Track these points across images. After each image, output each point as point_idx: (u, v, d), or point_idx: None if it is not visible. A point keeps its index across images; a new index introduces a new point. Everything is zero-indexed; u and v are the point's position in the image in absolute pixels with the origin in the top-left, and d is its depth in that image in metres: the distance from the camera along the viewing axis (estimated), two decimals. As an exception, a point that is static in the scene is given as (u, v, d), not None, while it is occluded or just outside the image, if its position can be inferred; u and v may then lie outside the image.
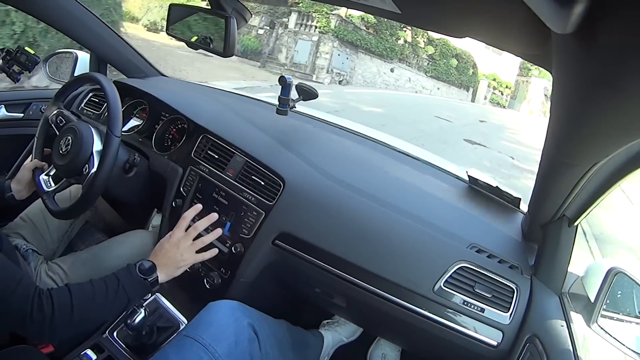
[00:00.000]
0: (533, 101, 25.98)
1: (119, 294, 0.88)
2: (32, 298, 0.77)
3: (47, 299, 0.79)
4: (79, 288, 0.85)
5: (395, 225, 1.03)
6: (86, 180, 1.09)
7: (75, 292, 0.83)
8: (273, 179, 1.12)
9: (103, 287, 0.88)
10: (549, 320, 0.89)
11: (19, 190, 1.20)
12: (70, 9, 1.36)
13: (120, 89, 1.18)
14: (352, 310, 1.13)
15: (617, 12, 0.30)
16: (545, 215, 0.90)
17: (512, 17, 0.44)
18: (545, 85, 25.31)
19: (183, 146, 1.29)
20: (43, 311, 0.77)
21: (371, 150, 1.42)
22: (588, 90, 0.41)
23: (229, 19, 1.00)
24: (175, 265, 1.03)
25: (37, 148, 1.24)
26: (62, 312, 0.80)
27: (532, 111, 25.30)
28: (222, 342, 0.89)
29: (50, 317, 0.78)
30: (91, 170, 1.09)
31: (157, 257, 1.01)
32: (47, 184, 1.18)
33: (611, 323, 0.86)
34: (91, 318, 0.87)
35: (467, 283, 0.95)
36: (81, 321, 0.84)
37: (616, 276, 0.87)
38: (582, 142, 0.56)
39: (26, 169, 1.21)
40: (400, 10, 0.53)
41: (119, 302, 0.89)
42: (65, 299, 0.81)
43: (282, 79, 1.20)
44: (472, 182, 1.21)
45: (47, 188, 1.17)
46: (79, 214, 1.08)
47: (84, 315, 0.84)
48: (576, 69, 0.41)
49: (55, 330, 0.79)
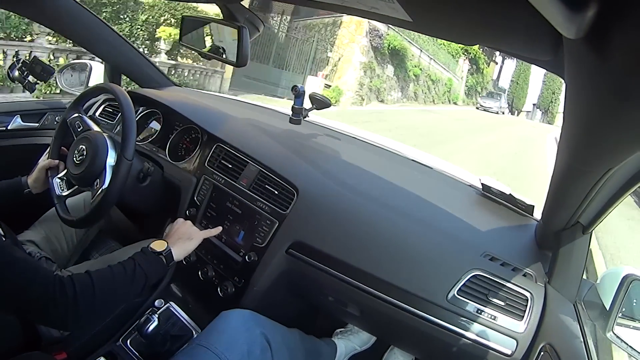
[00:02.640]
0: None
1: (137, 273, 0.89)
2: (54, 283, 0.77)
3: (69, 282, 0.79)
4: (99, 272, 0.86)
5: (409, 234, 1.03)
6: (96, 196, 1.10)
7: (95, 275, 0.84)
8: (287, 188, 1.13)
9: (121, 269, 0.89)
10: (563, 328, 0.88)
11: (35, 187, 1.22)
12: (84, 20, 1.39)
13: (134, 98, 1.20)
14: (366, 319, 1.13)
15: (629, 16, 0.30)
16: (559, 222, 0.90)
17: (523, 23, 0.44)
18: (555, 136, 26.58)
19: (197, 156, 1.31)
20: (66, 294, 0.77)
21: (384, 158, 1.43)
22: (601, 95, 0.41)
23: (242, 29, 1.02)
24: (187, 236, 1.05)
25: (54, 149, 1.25)
26: (84, 294, 0.80)
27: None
28: (235, 351, 0.90)
29: (74, 300, 0.78)
30: (102, 186, 1.10)
31: (168, 236, 1.04)
32: (60, 187, 1.20)
33: (627, 331, 0.85)
34: (113, 299, 0.87)
35: (480, 291, 0.95)
36: (104, 303, 0.85)
37: (632, 283, 0.86)
38: (596, 148, 0.55)
39: (41, 168, 1.23)
40: (412, 18, 0.54)
41: (137, 280, 0.90)
42: (87, 282, 0.82)
43: (295, 89, 1.22)
44: (486, 190, 1.22)
45: (60, 192, 1.19)
46: (88, 226, 1.10)
47: (106, 296, 0.84)
48: (589, 74, 0.40)
49: (79, 314, 0.79)
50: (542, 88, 38.43)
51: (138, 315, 1.16)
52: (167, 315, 1.17)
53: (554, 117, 38.19)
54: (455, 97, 21.94)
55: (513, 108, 36.86)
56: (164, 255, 0.96)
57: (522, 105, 37.88)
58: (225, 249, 1.17)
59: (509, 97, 36.59)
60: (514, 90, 37.59)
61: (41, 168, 1.23)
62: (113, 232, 1.48)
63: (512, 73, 36.01)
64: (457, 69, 22.46)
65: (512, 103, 36.96)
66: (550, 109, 38.12)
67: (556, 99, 37.81)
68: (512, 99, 36.93)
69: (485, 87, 27.66)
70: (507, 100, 35.61)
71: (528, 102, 39.52)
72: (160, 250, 0.96)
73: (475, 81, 25.89)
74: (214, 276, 1.17)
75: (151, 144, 1.40)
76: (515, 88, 37.51)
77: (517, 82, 36.98)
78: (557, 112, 38.02)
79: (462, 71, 23.74)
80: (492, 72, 32.56)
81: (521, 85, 37.20)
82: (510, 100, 36.65)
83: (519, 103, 37.44)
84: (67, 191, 1.19)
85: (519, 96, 37.32)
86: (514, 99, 36.99)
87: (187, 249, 1.04)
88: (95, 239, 1.40)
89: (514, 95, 37.15)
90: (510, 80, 38.03)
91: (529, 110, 40.86)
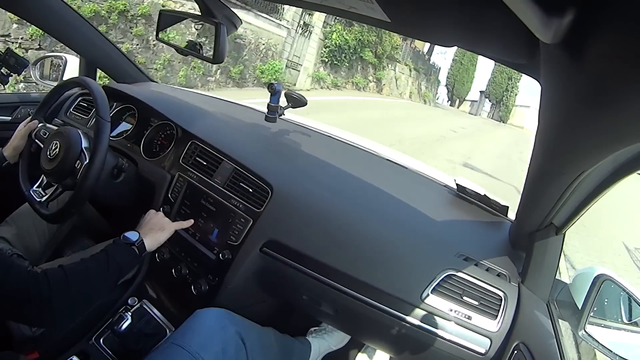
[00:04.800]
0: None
1: (111, 265, 0.89)
2: (27, 279, 0.76)
3: (43, 278, 0.78)
4: (72, 266, 0.85)
5: (383, 233, 1.03)
6: (80, 173, 1.07)
7: (69, 269, 0.83)
8: (261, 186, 1.11)
9: (94, 262, 0.88)
10: (536, 327, 0.89)
11: (14, 156, 1.21)
12: (60, 12, 1.35)
13: (109, 94, 1.17)
14: (340, 318, 1.13)
15: (604, 23, 0.30)
16: (533, 223, 0.90)
17: (500, 27, 0.45)
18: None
19: (171, 152, 1.28)
20: (40, 290, 0.76)
21: (360, 158, 1.42)
22: (575, 99, 0.41)
23: (220, 25, 1.00)
24: (159, 227, 1.05)
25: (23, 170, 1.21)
26: (58, 289, 0.79)
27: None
28: (209, 350, 0.89)
29: (48, 296, 0.77)
30: (84, 162, 1.07)
31: (141, 227, 1.04)
32: (38, 194, 1.17)
33: (598, 330, 0.87)
34: (88, 293, 0.86)
35: (454, 291, 0.95)
36: (78, 297, 0.84)
37: (603, 283, 0.87)
38: (570, 151, 0.56)
39: (23, 134, 1.22)
40: (389, 18, 0.53)
41: (111, 272, 0.89)
42: (60, 277, 0.80)
43: (272, 87, 1.20)
44: (461, 191, 1.22)
45: (39, 198, 1.16)
46: (76, 211, 1.07)
47: (80, 290, 0.83)
48: (564, 79, 0.41)
49: (54, 309, 0.78)
50: (494, 72, 29.23)
51: (111, 314, 1.15)
52: (140, 314, 1.16)
53: (508, 111, 29.43)
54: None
55: (453, 95, 28.05)
56: (136, 245, 0.95)
57: (465, 93, 28.59)
58: (199, 247, 1.15)
59: (448, 81, 27.89)
60: (455, 72, 27.74)
61: (23, 135, 1.21)
62: (86, 229, 1.46)
63: (454, 49, 21.20)
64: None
65: (452, 89, 28.06)
66: (505, 100, 29.17)
67: (514, 87, 28.86)
68: (453, 84, 27.77)
69: (407, 63, 18.20)
70: (445, 85, 27.65)
71: (474, 90, 30.14)
72: (133, 240, 0.95)
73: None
74: (188, 274, 1.16)
75: (125, 140, 1.37)
76: (457, 69, 27.75)
77: (461, 62, 27.20)
78: (513, 105, 29.51)
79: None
80: (422, 44, 20.22)
81: (466, 66, 27.44)
82: (450, 86, 28.06)
83: (462, 89, 27.99)
84: (46, 195, 1.16)
85: (461, 80, 27.67)
86: (455, 83, 27.72)
87: (159, 240, 1.03)
88: (68, 236, 1.37)
89: (455, 79, 27.72)
90: (453, 60, 27.88)
91: (474, 100, 31.99)
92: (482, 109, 32.20)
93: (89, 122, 1.47)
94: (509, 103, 29.55)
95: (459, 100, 29.02)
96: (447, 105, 28.58)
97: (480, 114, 30.63)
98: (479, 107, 32.02)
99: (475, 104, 32.38)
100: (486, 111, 32.21)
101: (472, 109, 31.88)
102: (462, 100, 29.41)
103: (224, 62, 1.51)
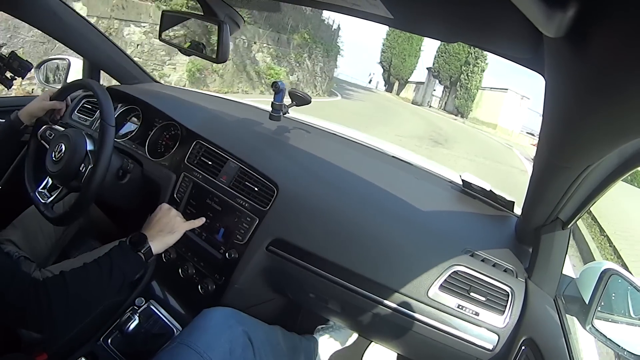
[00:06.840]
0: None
1: (114, 273, 0.86)
2: (28, 289, 0.76)
3: (42, 288, 0.77)
4: (73, 273, 0.84)
5: (389, 230, 1.03)
6: (85, 176, 1.08)
7: (69, 278, 0.82)
8: (266, 184, 1.11)
9: (97, 269, 0.86)
10: (544, 322, 0.89)
11: (29, 120, 1.25)
12: (63, 15, 1.35)
13: (113, 95, 1.17)
14: (347, 315, 1.13)
15: (608, 16, 0.30)
16: (539, 218, 0.90)
17: (503, 21, 0.45)
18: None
19: (176, 152, 1.29)
20: (40, 303, 0.76)
21: (364, 155, 1.42)
22: (580, 93, 0.41)
23: (222, 24, 1.00)
24: (169, 229, 1.01)
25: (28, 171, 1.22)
26: (58, 301, 0.78)
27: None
28: (217, 349, 0.90)
29: (47, 308, 0.77)
30: (89, 165, 1.08)
31: (148, 228, 1.00)
32: (43, 196, 1.18)
33: (606, 324, 0.87)
34: (88, 301, 0.85)
35: (461, 287, 0.95)
36: (79, 306, 0.83)
37: (610, 277, 0.87)
38: (575, 145, 0.55)
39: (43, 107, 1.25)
40: (392, 15, 0.53)
41: (114, 280, 0.87)
42: (60, 288, 0.80)
43: (275, 85, 1.20)
44: (466, 186, 1.22)
45: (45, 200, 1.16)
46: (81, 214, 1.07)
47: (81, 299, 0.83)
48: (568, 73, 0.41)
49: (54, 320, 0.78)
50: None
51: (119, 314, 1.15)
52: (147, 314, 1.16)
53: (470, 97, 19.14)
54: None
55: (390, 76, 20.97)
56: (142, 252, 0.92)
57: (408, 73, 20.92)
58: (206, 246, 1.15)
59: (383, 56, 20.53)
60: (392, 44, 20.20)
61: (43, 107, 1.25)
62: (92, 230, 1.47)
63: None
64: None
65: (388, 67, 20.80)
66: (464, 80, 19.20)
67: (477, 57, 19.10)
68: (390, 60, 20.39)
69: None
70: (380, 62, 20.74)
71: (420, 68, 22.25)
72: (137, 248, 0.93)
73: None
74: (195, 274, 1.16)
75: (130, 140, 1.38)
76: (394, 40, 20.12)
77: (400, 33, 18.95)
78: (477, 88, 19.30)
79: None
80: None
81: (407, 35, 19.28)
82: (385, 63, 20.66)
83: (402, 67, 20.53)
84: (51, 197, 1.16)
85: (400, 55, 20.24)
86: (392, 59, 20.32)
87: (168, 243, 0.99)
88: (74, 238, 1.38)
89: (392, 54, 20.33)
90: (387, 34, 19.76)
91: (419, 82, 22.80)
92: (431, 94, 22.19)
93: (94, 124, 1.47)
94: (471, 85, 19.54)
95: (398, 82, 21.72)
96: (382, 90, 20.85)
97: (429, 102, 21.11)
98: (426, 92, 22.41)
99: (422, 87, 22.77)
100: (437, 97, 22.23)
101: (417, 95, 22.62)
102: (404, 81, 21.72)
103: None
